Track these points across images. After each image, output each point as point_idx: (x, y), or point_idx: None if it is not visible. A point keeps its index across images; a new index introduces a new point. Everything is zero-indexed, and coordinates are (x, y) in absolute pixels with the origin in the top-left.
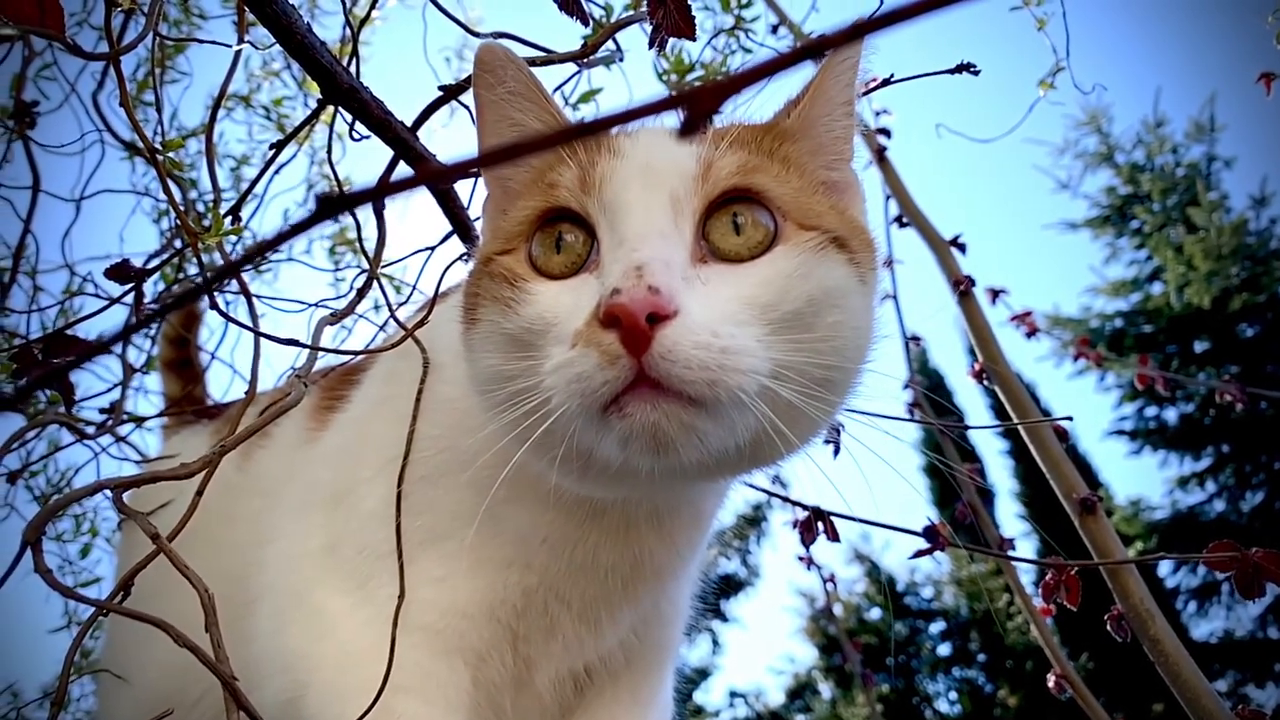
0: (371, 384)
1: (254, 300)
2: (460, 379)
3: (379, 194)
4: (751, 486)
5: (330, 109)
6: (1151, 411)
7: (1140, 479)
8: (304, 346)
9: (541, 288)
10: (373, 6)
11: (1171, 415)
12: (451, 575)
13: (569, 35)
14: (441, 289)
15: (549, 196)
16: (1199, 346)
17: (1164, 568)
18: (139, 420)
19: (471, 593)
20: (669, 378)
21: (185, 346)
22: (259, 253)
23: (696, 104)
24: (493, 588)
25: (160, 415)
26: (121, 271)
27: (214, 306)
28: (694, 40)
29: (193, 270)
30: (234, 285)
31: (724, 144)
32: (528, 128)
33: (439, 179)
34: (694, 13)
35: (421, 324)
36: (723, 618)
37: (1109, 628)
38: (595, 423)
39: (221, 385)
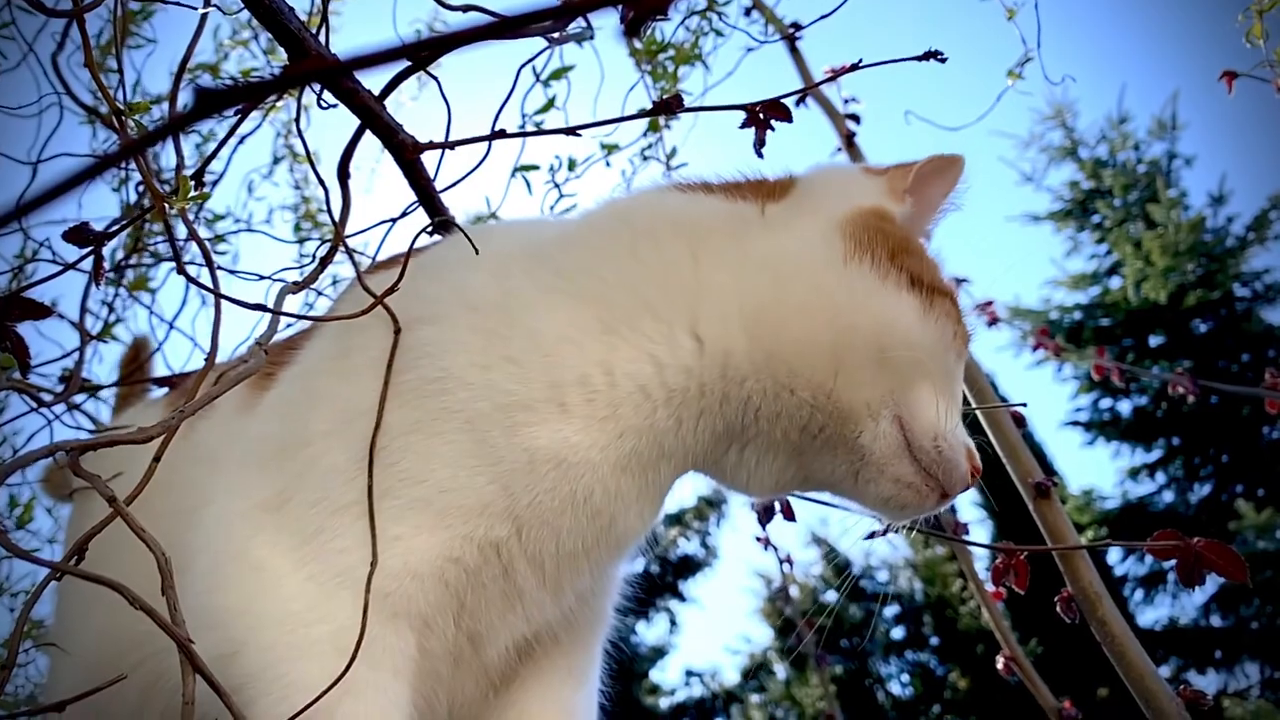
0: (326, 338)
1: (215, 269)
2: (489, 329)
3: (260, 91)
4: None
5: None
6: (1106, 403)
7: (1093, 469)
8: (269, 311)
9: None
10: None
11: (1125, 407)
12: (409, 532)
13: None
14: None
15: (960, 318)
16: (1154, 341)
17: (1113, 556)
18: (94, 389)
19: (426, 549)
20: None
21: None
22: (155, 138)
23: (641, 2)
24: (450, 543)
25: (119, 384)
26: (80, 235)
27: (181, 271)
28: (667, 17)
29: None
30: (198, 257)
31: None
32: (934, 206)
33: (326, 75)
34: None
35: (393, 290)
36: (680, 598)
37: (1059, 609)
38: (919, 475)
39: (180, 357)
